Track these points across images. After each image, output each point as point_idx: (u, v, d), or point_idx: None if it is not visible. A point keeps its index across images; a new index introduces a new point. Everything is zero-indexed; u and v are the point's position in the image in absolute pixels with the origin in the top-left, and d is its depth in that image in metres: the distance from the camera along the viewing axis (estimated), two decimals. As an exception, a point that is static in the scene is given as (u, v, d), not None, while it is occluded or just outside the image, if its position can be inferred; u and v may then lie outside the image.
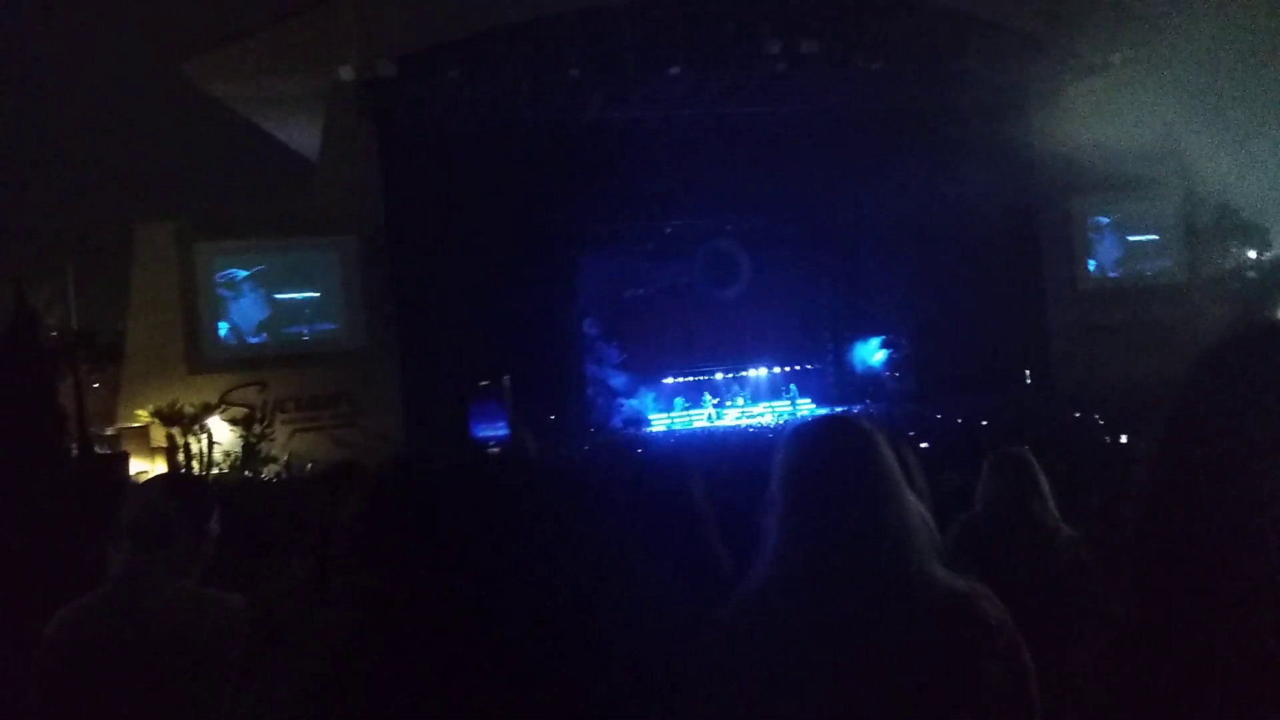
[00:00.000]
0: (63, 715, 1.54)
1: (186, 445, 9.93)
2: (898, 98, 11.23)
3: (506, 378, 6.33)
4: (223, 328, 10.79)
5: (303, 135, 11.66)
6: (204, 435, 10.09)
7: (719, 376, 12.78)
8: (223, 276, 10.79)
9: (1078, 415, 8.46)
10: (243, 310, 10.86)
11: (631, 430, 11.89)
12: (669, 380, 12.69)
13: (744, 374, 12.85)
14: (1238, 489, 0.68)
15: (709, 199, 11.89)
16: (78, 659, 1.54)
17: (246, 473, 9.64)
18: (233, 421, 10.26)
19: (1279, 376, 0.71)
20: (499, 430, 5.61)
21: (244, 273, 10.87)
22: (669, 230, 12.28)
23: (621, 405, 12.37)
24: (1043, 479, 2.82)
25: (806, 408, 12.25)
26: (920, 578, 1.68)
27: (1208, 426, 0.73)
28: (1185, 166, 10.66)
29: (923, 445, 7.22)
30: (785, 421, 11.06)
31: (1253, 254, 10.13)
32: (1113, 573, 0.83)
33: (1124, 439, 6.70)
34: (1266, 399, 0.70)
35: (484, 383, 6.56)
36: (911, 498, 1.76)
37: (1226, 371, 0.75)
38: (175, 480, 1.81)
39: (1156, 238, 12.43)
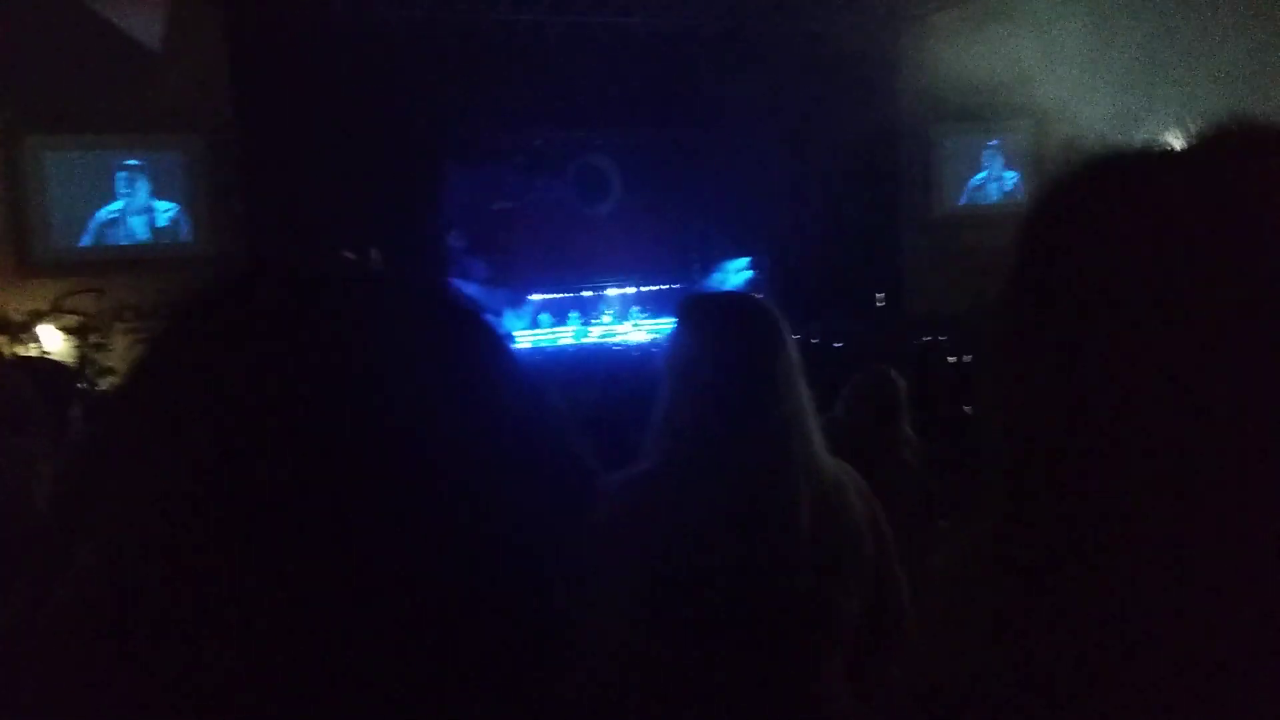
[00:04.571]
0: None
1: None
2: (769, 16, 11.17)
3: (375, 251, 5.60)
4: (55, 229, 10.06)
5: (144, 24, 10.76)
6: (33, 345, 9.46)
7: (586, 294, 12.71)
8: (55, 173, 10.04)
9: (926, 338, 8.78)
10: (77, 210, 10.14)
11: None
12: (535, 297, 12.54)
13: (610, 292, 12.81)
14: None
15: (581, 112, 11.66)
16: None
17: (80, 384, 9.12)
18: (66, 330, 9.64)
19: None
20: None
21: (78, 170, 10.14)
22: (539, 143, 12.00)
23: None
24: (903, 397, 3.01)
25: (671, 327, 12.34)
26: (808, 457, 1.70)
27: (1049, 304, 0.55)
28: (1040, 100, 11.01)
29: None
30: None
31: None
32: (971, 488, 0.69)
33: (966, 359, 7.03)
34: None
35: (347, 255, 5.90)
36: (803, 383, 1.77)
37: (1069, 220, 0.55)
38: (32, 364, 1.68)
39: (1010, 169, 12.89)
